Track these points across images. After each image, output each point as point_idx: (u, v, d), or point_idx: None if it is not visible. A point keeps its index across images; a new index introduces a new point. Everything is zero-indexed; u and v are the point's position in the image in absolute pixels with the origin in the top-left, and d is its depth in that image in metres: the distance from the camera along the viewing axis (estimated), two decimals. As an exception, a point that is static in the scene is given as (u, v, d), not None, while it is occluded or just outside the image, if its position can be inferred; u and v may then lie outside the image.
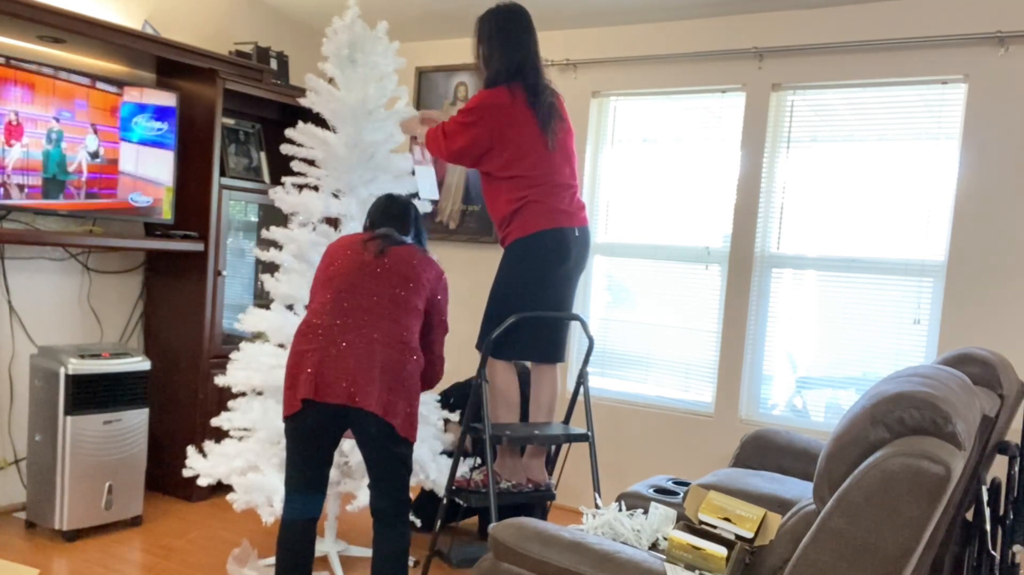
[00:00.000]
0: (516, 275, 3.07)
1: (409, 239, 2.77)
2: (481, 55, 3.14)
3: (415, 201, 3.41)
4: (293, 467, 2.62)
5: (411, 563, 3.57)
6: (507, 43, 3.09)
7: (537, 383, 3.23)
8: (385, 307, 2.53)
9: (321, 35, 5.07)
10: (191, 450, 3.33)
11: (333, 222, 3.55)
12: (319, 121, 3.63)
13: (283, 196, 3.33)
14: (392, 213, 2.83)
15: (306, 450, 2.59)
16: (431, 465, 3.34)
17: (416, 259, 2.65)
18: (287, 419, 2.55)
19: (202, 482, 3.23)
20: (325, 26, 4.95)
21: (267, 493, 3.13)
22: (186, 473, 3.31)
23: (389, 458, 2.53)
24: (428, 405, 3.46)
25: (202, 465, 3.26)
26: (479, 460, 3.36)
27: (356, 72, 3.30)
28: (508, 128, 3.02)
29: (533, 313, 2.99)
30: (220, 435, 4.03)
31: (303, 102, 3.35)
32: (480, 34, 3.15)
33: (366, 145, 3.29)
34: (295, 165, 3.38)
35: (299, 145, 3.35)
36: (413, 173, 3.46)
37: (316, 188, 3.39)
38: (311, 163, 3.42)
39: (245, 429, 3.39)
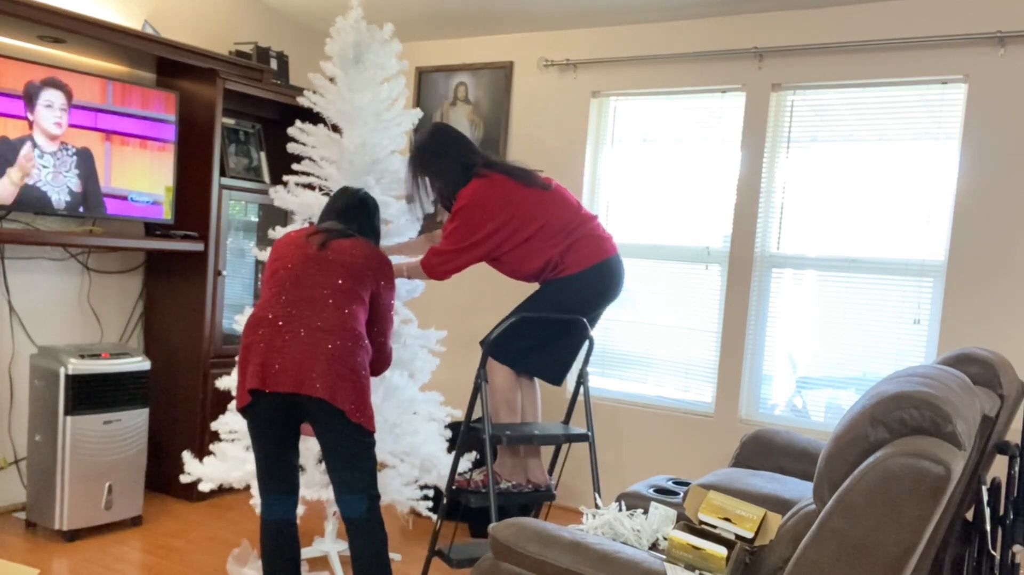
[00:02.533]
0: (574, 304, 3.04)
1: (354, 232, 2.77)
2: (435, 188, 3.10)
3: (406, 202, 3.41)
4: (258, 466, 2.66)
5: (398, 558, 3.57)
6: (445, 160, 3.07)
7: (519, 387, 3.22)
8: (329, 297, 2.56)
9: (321, 35, 5.06)
10: (187, 455, 3.31)
11: None
12: (316, 121, 3.63)
13: (284, 196, 3.33)
14: (337, 207, 2.86)
15: (264, 445, 2.62)
16: (444, 462, 3.34)
17: (359, 250, 2.67)
18: (241, 412, 2.60)
19: (204, 487, 3.22)
20: (325, 26, 4.95)
21: None
22: (184, 479, 3.31)
23: (344, 444, 2.53)
24: (432, 403, 3.46)
25: (200, 469, 3.24)
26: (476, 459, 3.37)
27: (363, 73, 3.31)
28: (506, 202, 2.98)
29: (533, 313, 2.98)
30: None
31: (303, 102, 3.35)
32: (421, 173, 3.11)
33: (372, 146, 3.31)
34: (305, 165, 3.37)
35: (309, 146, 3.35)
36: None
37: (319, 188, 3.39)
38: (306, 161, 3.42)
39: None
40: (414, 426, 3.33)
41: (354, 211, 2.84)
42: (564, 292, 3.03)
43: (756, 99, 4.03)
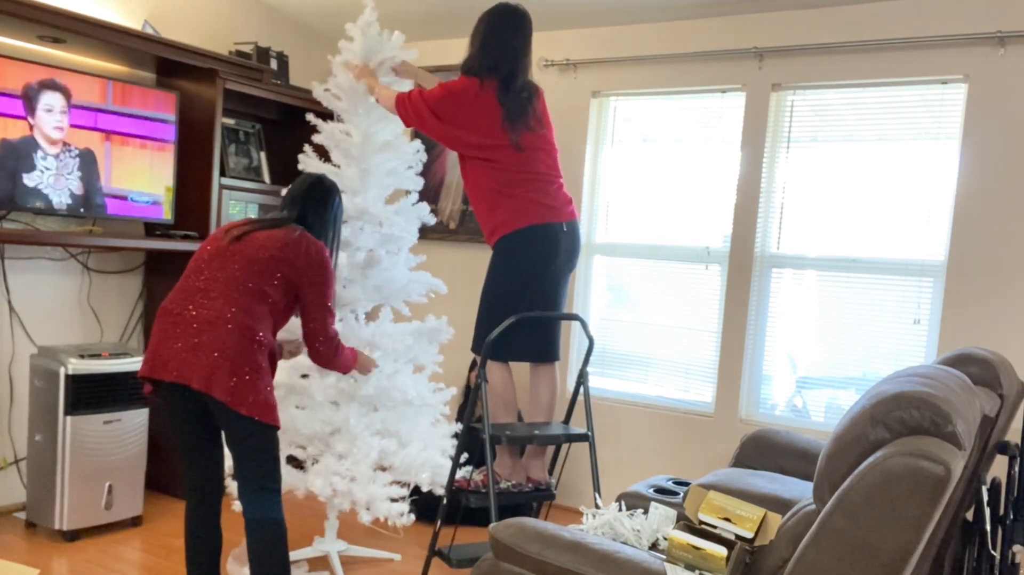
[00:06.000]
0: (505, 274, 3.06)
1: (291, 219, 2.74)
2: (470, 50, 3.16)
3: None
4: (181, 455, 2.72)
5: (398, 558, 3.57)
6: (491, 39, 3.09)
7: (535, 383, 3.22)
8: (219, 288, 2.55)
9: (321, 35, 5.06)
10: None
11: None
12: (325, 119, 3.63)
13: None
14: (291, 193, 2.84)
15: (181, 431, 2.64)
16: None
17: (273, 241, 2.62)
18: (153, 398, 2.66)
19: None
20: (325, 26, 4.95)
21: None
22: None
23: (232, 437, 2.54)
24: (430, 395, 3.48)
25: None
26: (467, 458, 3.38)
27: (381, 79, 3.36)
28: (468, 115, 3.02)
29: (532, 313, 2.98)
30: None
31: (329, 104, 3.37)
32: (474, 30, 3.16)
33: (388, 145, 3.37)
34: (328, 165, 3.40)
35: (335, 149, 3.39)
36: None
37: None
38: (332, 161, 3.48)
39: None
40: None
41: (301, 197, 2.82)
42: (505, 268, 3.07)
43: (756, 99, 4.03)
